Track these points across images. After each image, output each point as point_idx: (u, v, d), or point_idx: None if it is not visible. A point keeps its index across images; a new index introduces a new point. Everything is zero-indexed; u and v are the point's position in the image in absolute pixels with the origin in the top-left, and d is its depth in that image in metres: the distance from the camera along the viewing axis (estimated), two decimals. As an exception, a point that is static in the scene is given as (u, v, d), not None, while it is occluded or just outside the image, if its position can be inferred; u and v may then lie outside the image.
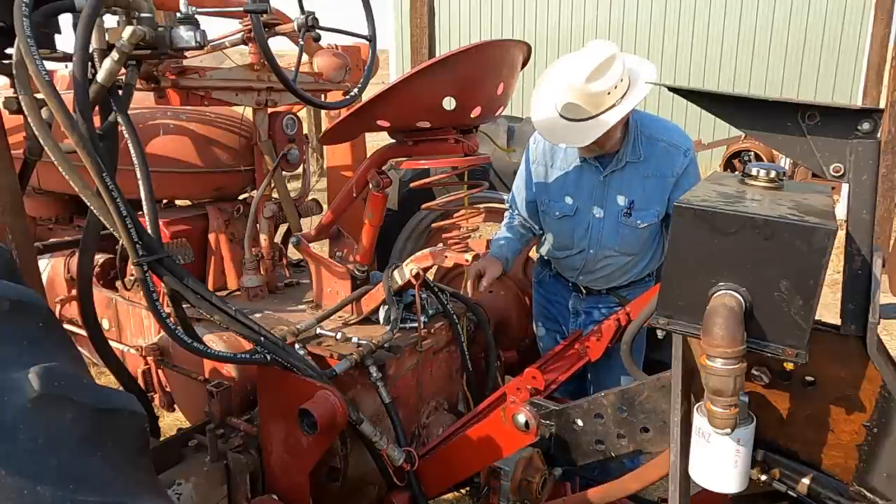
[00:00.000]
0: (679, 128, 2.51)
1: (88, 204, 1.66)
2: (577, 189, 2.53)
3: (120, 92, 1.80)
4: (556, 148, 2.56)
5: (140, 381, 2.62)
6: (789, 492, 1.49)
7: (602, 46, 2.16)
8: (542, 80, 2.37)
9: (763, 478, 1.49)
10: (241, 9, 2.47)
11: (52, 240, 3.09)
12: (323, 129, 4.66)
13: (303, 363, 1.93)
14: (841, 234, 1.15)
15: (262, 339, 1.88)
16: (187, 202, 3.19)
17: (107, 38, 1.75)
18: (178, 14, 1.93)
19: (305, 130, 3.49)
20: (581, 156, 2.47)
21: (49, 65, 1.66)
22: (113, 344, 2.35)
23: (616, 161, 2.43)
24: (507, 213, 2.83)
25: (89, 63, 1.69)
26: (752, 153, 9.53)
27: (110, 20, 1.78)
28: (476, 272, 2.50)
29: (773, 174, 1.42)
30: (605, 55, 2.13)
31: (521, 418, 1.86)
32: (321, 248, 2.58)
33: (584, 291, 2.69)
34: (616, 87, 2.15)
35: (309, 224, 2.76)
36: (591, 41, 2.22)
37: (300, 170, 2.99)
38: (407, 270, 2.20)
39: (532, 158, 2.65)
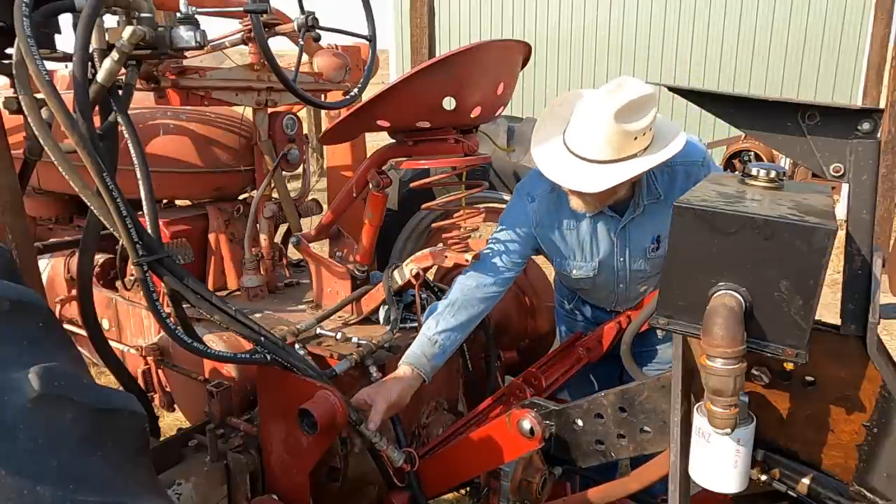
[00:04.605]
0: (689, 137, 2.10)
1: (88, 204, 1.66)
2: (594, 246, 2.19)
3: (120, 92, 1.80)
4: (560, 207, 2.14)
5: (140, 381, 2.62)
6: (789, 492, 1.49)
7: (637, 83, 1.77)
8: (549, 110, 2.01)
9: (763, 478, 1.49)
10: (241, 9, 2.47)
11: (52, 240, 3.09)
12: (323, 129, 4.66)
13: (303, 363, 1.93)
14: (841, 234, 1.14)
15: (262, 339, 1.88)
16: (187, 202, 3.19)
17: (107, 38, 1.75)
18: (178, 14, 1.93)
19: (305, 130, 3.49)
20: (580, 211, 2.08)
21: (49, 65, 1.66)
22: (113, 344, 2.35)
23: (633, 209, 2.10)
24: (466, 277, 2.13)
25: (89, 63, 1.69)
26: (752, 153, 9.54)
27: (110, 20, 1.79)
28: (361, 403, 1.92)
29: (773, 174, 1.41)
30: (643, 92, 1.74)
31: (527, 424, 1.84)
32: (321, 248, 2.59)
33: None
34: (644, 134, 1.80)
35: (309, 224, 2.77)
36: (624, 76, 1.83)
37: (300, 170, 2.98)
38: (407, 270, 2.20)
39: (534, 222, 2.16)
